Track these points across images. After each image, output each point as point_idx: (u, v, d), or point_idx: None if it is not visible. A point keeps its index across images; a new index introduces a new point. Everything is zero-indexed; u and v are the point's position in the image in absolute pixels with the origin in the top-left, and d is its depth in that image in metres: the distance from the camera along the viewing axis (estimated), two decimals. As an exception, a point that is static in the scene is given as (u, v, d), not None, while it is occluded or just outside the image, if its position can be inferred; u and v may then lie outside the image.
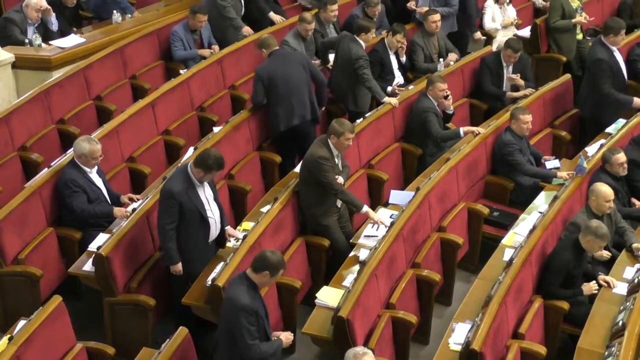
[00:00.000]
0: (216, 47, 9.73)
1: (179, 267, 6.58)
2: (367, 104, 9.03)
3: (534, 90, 9.34)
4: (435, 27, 9.69)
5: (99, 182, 7.20)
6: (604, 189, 7.13)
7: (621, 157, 7.65)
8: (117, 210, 7.08)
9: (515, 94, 9.33)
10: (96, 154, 7.08)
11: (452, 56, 9.70)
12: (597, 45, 9.23)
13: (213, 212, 6.65)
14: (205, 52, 9.64)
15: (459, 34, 10.52)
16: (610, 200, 7.14)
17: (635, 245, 7.10)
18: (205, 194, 6.60)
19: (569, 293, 6.73)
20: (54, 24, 9.72)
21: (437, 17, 9.68)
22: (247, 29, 10.06)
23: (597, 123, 9.07)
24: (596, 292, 6.71)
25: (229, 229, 6.91)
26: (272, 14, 10.57)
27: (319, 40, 9.65)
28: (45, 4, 9.50)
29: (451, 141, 8.53)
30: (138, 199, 7.25)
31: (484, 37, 10.70)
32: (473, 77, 9.72)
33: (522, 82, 9.35)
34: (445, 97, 8.52)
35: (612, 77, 8.91)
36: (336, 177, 7.13)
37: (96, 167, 7.17)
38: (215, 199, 6.72)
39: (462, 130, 8.44)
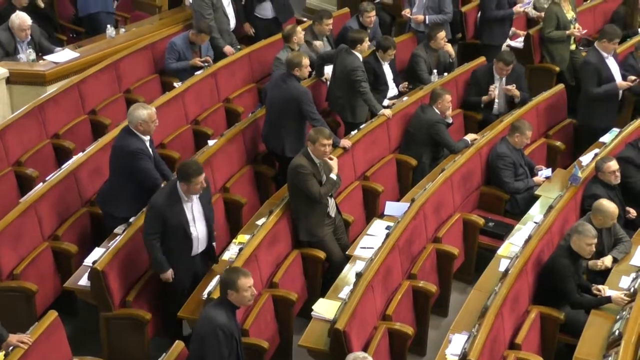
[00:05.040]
0: (209, 58, 9.73)
1: (169, 274, 6.60)
2: (364, 115, 9.05)
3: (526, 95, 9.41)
4: (444, 43, 9.72)
5: (152, 152, 7.22)
6: (612, 208, 7.13)
7: (613, 165, 7.69)
8: None
9: (486, 97, 9.36)
10: (154, 116, 7.11)
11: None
12: (589, 51, 9.35)
13: (198, 230, 6.61)
14: (196, 62, 9.64)
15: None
16: (615, 217, 7.17)
17: (603, 260, 7.12)
18: (193, 210, 6.58)
19: (595, 301, 6.70)
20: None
21: (444, 33, 9.71)
22: (228, 49, 10.08)
23: (591, 130, 9.11)
24: (628, 300, 6.58)
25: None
26: (246, 25, 10.79)
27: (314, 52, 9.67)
28: (29, 22, 9.43)
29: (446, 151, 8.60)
30: None
31: None
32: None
33: (517, 93, 9.37)
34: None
35: (600, 82, 8.94)
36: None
37: (148, 137, 7.17)
38: (206, 215, 6.68)
39: (469, 139, 8.50)
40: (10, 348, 5.64)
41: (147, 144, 7.15)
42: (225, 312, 5.70)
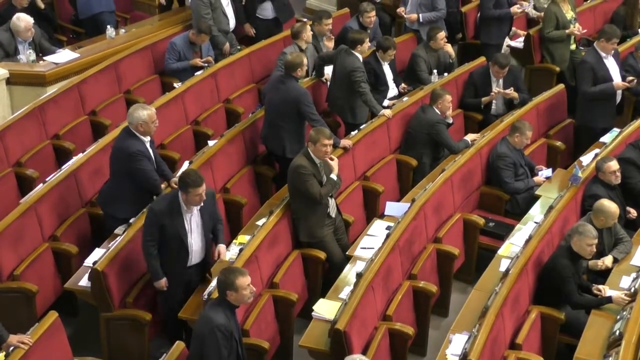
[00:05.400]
0: (210, 59, 9.73)
1: (162, 282, 6.54)
2: (364, 116, 9.05)
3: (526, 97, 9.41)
4: (444, 43, 9.72)
5: (152, 153, 7.18)
6: (613, 209, 7.13)
7: (613, 165, 7.69)
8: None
9: (486, 99, 9.37)
10: (154, 117, 7.06)
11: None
12: (588, 50, 9.35)
13: (194, 241, 6.53)
14: (197, 62, 9.64)
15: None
16: (616, 218, 7.18)
17: (604, 260, 7.12)
18: (192, 221, 6.48)
19: (596, 301, 6.70)
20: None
21: (444, 34, 9.72)
22: (225, 47, 10.12)
23: (589, 130, 9.10)
24: (628, 300, 6.57)
25: (220, 246, 6.71)
26: (246, 26, 10.80)
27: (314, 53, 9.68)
28: (32, 21, 9.43)
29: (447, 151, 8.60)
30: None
31: None
32: (466, 88, 9.77)
33: (515, 95, 9.37)
34: None
35: (596, 82, 8.93)
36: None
37: (149, 138, 7.14)
38: (204, 228, 6.57)
39: (469, 139, 8.50)
40: (11, 348, 5.64)
41: (147, 144, 7.14)
42: (223, 312, 5.69)
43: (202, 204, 6.46)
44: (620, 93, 9.18)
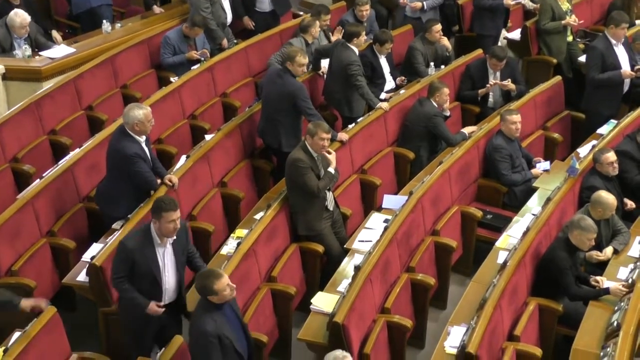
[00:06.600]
0: (206, 51, 9.71)
1: (154, 306, 6.06)
2: (361, 109, 9.05)
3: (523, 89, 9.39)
4: (439, 36, 9.72)
5: (148, 152, 7.12)
6: (611, 200, 7.13)
7: (610, 156, 7.69)
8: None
9: (483, 90, 9.38)
10: (150, 116, 6.98)
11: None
12: (599, 37, 9.34)
13: (167, 278, 6.10)
14: (193, 55, 9.62)
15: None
16: (614, 209, 7.18)
17: (605, 251, 7.13)
18: (165, 256, 6.07)
19: (594, 292, 6.70)
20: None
21: (440, 26, 9.72)
22: (224, 43, 10.12)
23: (594, 116, 9.10)
24: (626, 291, 6.57)
25: None
26: (245, 19, 10.83)
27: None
28: (29, 19, 9.42)
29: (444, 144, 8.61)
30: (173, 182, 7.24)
31: None
32: (463, 80, 9.76)
33: (512, 87, 9.38)
34: None
35: (605, 69, 8.91)
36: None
37: (144, 137, 7.07)
38: (178, 264, 6.14)
39: (466, 132, 8.50)
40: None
41: (143, 144, 7.06)
42: (211, 315, 5.58)
43: (175, 237, 6.06)
44: (628, 82, 9.16)
